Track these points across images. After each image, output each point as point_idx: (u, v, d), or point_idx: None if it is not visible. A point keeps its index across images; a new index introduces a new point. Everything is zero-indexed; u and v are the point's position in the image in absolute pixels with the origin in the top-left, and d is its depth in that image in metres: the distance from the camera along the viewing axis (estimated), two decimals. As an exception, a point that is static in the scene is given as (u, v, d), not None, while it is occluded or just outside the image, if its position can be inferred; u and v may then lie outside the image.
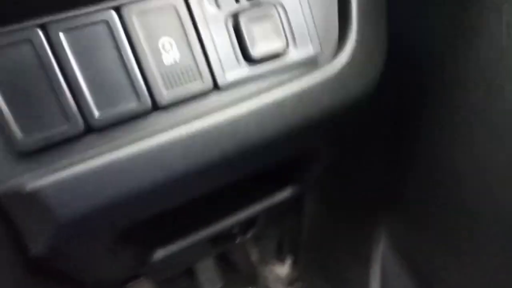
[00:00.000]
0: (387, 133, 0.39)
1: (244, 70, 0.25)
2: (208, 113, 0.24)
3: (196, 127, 0.23)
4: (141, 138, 0.22)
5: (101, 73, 0.21)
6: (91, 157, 0.21)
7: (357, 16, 0.28)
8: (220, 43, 0.25)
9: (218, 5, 0.25)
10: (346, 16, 0.28)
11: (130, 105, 0.22)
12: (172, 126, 0.23)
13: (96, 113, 0.21)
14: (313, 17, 0.27)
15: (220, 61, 0.24)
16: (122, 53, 0.22)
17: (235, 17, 0.25)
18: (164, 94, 0.23)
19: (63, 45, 0.20)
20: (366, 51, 0.29)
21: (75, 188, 0.21)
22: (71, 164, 0.21)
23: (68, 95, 0.21)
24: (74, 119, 0.21)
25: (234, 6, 0.25)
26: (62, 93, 0.20)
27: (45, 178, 0.20)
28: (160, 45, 0.23)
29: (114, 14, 0.21)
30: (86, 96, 0.21)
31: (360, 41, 0.28)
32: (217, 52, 0.24)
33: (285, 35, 0.26)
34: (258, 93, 0.26)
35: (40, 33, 0.20)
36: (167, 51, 0.23)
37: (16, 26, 0.19)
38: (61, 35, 0.20)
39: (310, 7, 0.27)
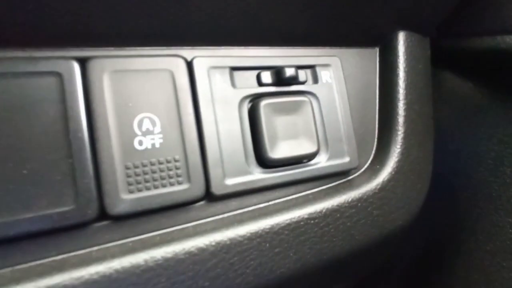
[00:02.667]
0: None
1: (254, 177, 0.19)
2: (187, 235, 0.17)
3: (164, 253, 0.17)
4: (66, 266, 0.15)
5: (21, 151, 0.15)
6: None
7: (403, 127, 0.24)
8: (227, 134, 0.19)
9: (233, 84, 0.19)
10: (390, 126, 0.24)
11: (60, 210, 0.15)
12: (123, 251, 0.16)
13: None
14: (352, 120, 0.23)
15: (221, 159, 0.18)
16: (70, 125, 0.15)
17: (255, 103, 0.20)
18: (123, 200, 0.16)
19: None
20: (412, 170, 0.24)
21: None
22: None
23: None
24: None
25: (255, 89, 0.20)
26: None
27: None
28: (135, 123, 0.17)
29: (75, 66, 0.16)
30: None
31: (405, 157, 0.24)
32: (220, 146, 0.19)
33: (317, 137, 0.21)
34: (268, 212, 0.19)
35: None
36: (144, 133, 0.17)
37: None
38: None
39: (349, 107, 0.23)
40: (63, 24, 0.17)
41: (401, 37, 0.26)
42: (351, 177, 0.25)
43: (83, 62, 0.18)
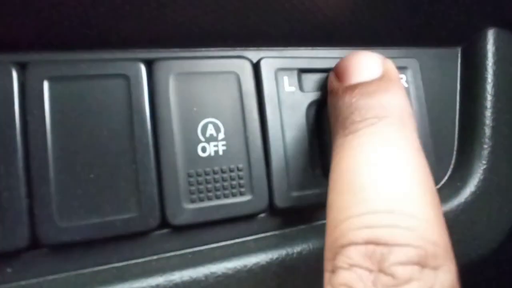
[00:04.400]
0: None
1: (320, 190, 0.18)
2: (249, 250, 0.17)
3: (224, 269, 0.16)
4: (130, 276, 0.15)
5: (88, 155, 0.15)
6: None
7: (491, 140, 0.22)
8: (293, 143, 0.18)
9: (301, 87, 0.19)
10: (474, 138, 0.22)
11: (123, 216, 0.15)
12: (183, 263, 0.16)
13: (59, 223, 0.14)
14: (429, 130, 0.21)
15: (287, 170, 0.18)
16: (136, 130, 0.16)
17: (324, 109, 0.19)
18: (185, 209, 0.16)
19: (40, 95, 0.14)
20: (499, 190, 0.22)
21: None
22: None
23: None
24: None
25: (325, 94, 0.19)
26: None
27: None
28: (199, 128, 0.17)
29: (142, 68, 0.16)
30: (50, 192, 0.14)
31: (493, 175, 0.21)
32: (285, 156, 0.18)
33: None
34: None
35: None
36: (208, 139, 0.17)
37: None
38: (45, 83, 0.15)
39: (427, 117, 0.21)
40: (131, 27, 0.16)
41: (491, 35, 0.23)
42: (426, 194, 0.22)
43: (149, 64, 0.17)
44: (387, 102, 0.15)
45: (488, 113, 0.22)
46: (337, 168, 0.14)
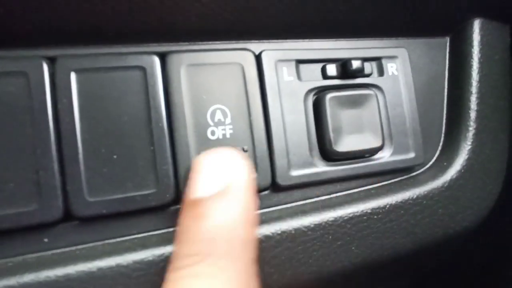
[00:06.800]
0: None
1: (317, 169, 0.20)
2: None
3: None
4: (146, 244, 0.17)
5: (111, 138, 0.17)
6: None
7: (476, 122, 0.23)
8: (293, 126, 0.20)
9: (299, 77, 0.20)
10: (460, 121, 0.24)
11: (143, 192, 0.17)
12: None
13: (88, 198, 0.16)
14: (418, 114, 0.23)
15: (287, 151, 0.20)
16: (152, 115, 0.17)
17: (320, 96, 0.20)
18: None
19: (68, 88, 0.16)
20: (483, 169, 0.23)
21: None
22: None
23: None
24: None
25: (320, 82, 0.21)
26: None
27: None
28: (209, 114, 0.19)
29: (156, 60, 0.18)
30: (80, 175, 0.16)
31: (476, 155, 0.23)
32: (285, 138, 0.20)
33: (382, 131, 0.21)
34: (331, 204, 0.20)
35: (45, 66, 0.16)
36: (216, 124, 0.19)
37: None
38: (72, 75, 0.17)
39: (416, 101, 0.23)
40: (147, 24, 0.18)
41: (477, 25, 0.25)
42: (415, 173, 0.24)
43: (162, 56, 0.19)
44: (214, 230, 0.14)
45: (473, 98, 0.24)
46: None
